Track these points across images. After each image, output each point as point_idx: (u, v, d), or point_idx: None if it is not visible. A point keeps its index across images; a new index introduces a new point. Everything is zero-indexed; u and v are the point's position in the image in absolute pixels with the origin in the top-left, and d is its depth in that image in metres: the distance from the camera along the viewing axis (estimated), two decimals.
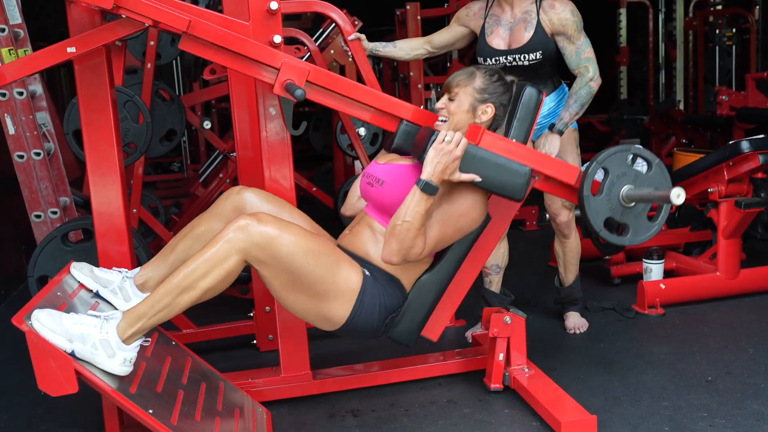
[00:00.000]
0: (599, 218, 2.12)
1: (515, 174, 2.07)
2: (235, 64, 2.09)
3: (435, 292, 2.20)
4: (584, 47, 2.77)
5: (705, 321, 3.23)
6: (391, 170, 2.18)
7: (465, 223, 2.10)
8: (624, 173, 2.11)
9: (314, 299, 2.02)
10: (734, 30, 7.54)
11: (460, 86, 2.18)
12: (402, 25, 4.78)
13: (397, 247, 1.99)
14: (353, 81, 2.19)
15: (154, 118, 3.63)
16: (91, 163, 2.21)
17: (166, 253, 2.16)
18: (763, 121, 5.22)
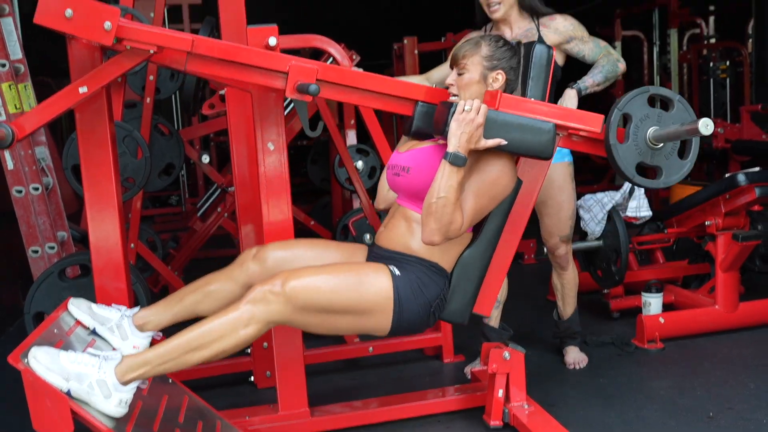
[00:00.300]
0: (630, 165, 2.07)
1: (539, 131, 2.05)
2: (243, 75, 2.09)
3: (480, 265, 2.17)
4: (598, 41, 2.85)
5: (705, 355, 3.21)
6: (415, 155, 2.17)
7: (498, 190, 2.08)
8: (647, 115, 2.07)
9: (354, 320, 2.03)
10: (728, 63, 7.63)
11: (467, 57, 2.16)
12: (399, 59, 4.83)
13: (436, 225, 1.97)
14: (363, 72, 2.19)
15: (152, 153, 3.64)
16: (90, 199, 2.20)
17: (173, 302, 2.14)
18: (758, 153, 5.25)
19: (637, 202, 3.70)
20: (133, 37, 1.95)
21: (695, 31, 8.49)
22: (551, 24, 2.84)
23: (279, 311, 1.91)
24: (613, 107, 2.08)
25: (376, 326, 2.06)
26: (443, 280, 2.12)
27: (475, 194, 2.04)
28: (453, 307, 2.17)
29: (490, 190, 2.06)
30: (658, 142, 2.07)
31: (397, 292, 2.03)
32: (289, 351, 2.44)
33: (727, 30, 8.44)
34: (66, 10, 1.86)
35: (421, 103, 2.22)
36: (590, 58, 2.85)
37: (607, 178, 7.99)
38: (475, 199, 2.04)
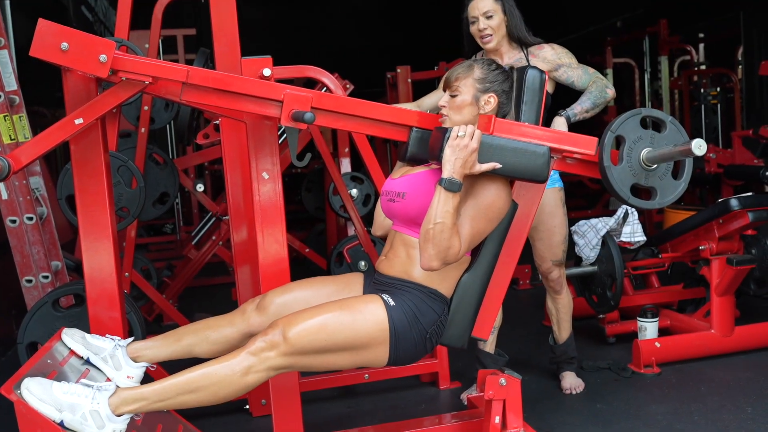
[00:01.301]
0: (625, 186, 2.09)
1: (534, 155, 2.06)
2: (238, 104, 2.11)
3: (478, 289, 2.18)
4: (587, 68, 2.89)
5: (702, 380, 3.20)
6: (409, 180, 2.18)
7: (494, 213, 2.08)
8: (640, 137, 2.09)
9: (353, 356, 2.02)
10: (718, 89, 7.71)
11: (459, 79, 2.18)
12: (393, 87, 4.87)
13: (434, 251, 1.97)
14: (357, 100, 2.21)
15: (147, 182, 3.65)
16: (84, 229, 2.21)
17: (170, 340, 2.13)
18: (750, 178, 5.28)
19: (632, 227, 3.71)
20: (129, 68, 1.97)
21: (685, 58, 8.59)
22: (539, 53, 2.88)
23: (280, 360, 1.92)
24: (607, 129, 2.09)
25: (374, 359, 2.05)
26: (442, 306, 2.12)
27: (471, 218, 2.05)
28: (452, 331, 2.17)
29: (486, 213, 2.07)
30: (652, 163, 2.09)
31: (392, 323, 2.02)
32: (285, 379, 2.43)
33: (717, 56, 8.55)
34: (62, 44, 1.88)
35: (416, 128, 2.24)
36: (579, 84, 2.88)
37: (601, 204, 8.03)
38: (472, 224, 2.05)
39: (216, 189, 7.43)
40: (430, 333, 2.09)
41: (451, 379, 3.26)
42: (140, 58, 2.03)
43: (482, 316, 2.24)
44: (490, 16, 2.83)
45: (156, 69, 1.99)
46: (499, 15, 2.84)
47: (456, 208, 1.98)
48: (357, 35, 11.85)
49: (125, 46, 2.99)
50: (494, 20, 2.83)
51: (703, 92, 7.69)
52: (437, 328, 2.11)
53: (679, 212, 4.90)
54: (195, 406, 1.91)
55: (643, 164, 2.09)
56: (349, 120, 2.20)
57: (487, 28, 2.83)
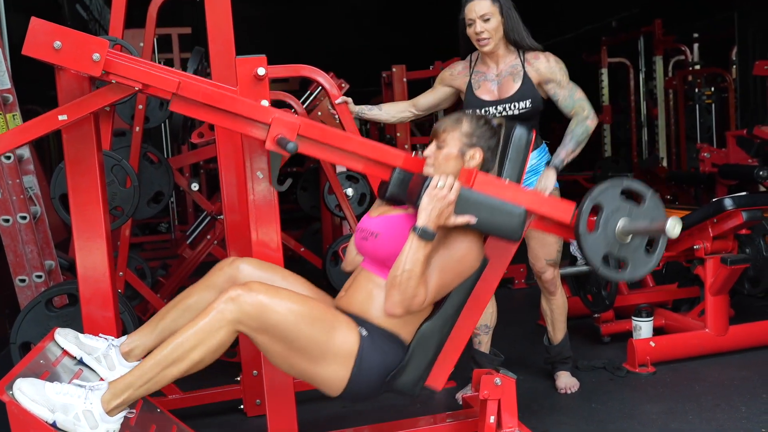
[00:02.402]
0: (597, 255, 2.10)
1: (510, 214, 2.07)
2: (225, 122, 2.11)
3: (437, 339, 2.16)
4: (575, 90, 2.85)
5: (696, 379, 3.21)
6: (385, 222, 2.18)
7: (464, 268, 2.08)
8: (618, 208, 2.10)
9: (312, 364, 1.98)
10: (713, 89, 7.73)
11: (447, 132, 2.18)
12: (388, 87, 4.86)
13: (399, 297, 1.97)
14: (344, 132, 2.20)
15: (141, 181, 3.64)
16: (77, 228, 2.20)
17: (155, 322, 2.13)
18: (744, 177, 5.29)
19: None
20: (121, 72, 1.96)
21: (680, 58, 8.61)
22: (534, 63, 2.86)
23: (248, 315, 1.87)
24: (587, 196, 2.12)
25: (331, 378, 2.01)
26: (402, 352, 2.10)
27: (440, 270, 2.04)
28: (406, 378, 2.13)
29: (456, 267, 2.07)
30: (627, 235, 2.11)
31: (360, 352, 2.00)
32: (279, 378, 2.42)
33: (712, 56, 8.57)
34: (55, 42, 1.87)
35: (399, 169, 2.24)
36: (562, 105, 2.85)
37: None
38: (440, 275, 2.04)
39: (211, 188, 7.41)
40: (390, 376, 2.07)
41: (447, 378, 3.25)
42: (133, 63, 2.01)
43: (438, 365, 2.23)
44: (488, 19, 2.80)
45: (147, 77, 1.98)
46: (497, 18, 2.81)
47: (427, 258, 1.98)
48: (353, 34, 11.85)
49: (120, 44, 2.97)
50: (491, 23, 2.80)
51: (697, 92, 7.71)
52: (396, 372, 2.09)
53: (673, 211, 4.90)
54: (181, 376, 1.89)
55: (618, 236, 2.11)
56: (334, 152, 2.20)
57: (484, 32, 2.80)
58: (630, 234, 2.10)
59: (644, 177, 7.03)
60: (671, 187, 6.71)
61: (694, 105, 7.83)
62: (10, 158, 3.26)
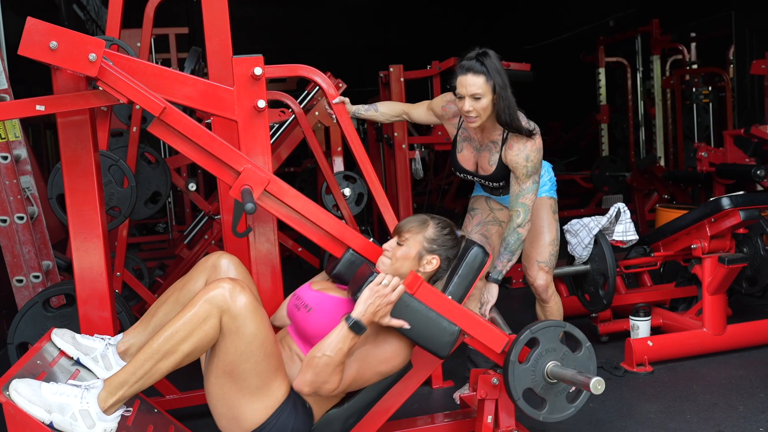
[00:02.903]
0: (520, 387, 2.17)
1: (443, 331, 2.10)
2: (199, 158, 2.12)
3: (339, 429, 2.15)
4: (526, 192, 2.72)
5: (694, 378, 3.21)
6: (321, 299, 2.16)
7: (386, 368, 2.09)
8: (554, 348, 2.18)
9: (240, 391, 1.95)
10: (710, 88, 7.73)
11: (411, 232, 2.19)
12: (386, 86, 4.85)
13: (311, 378, 1.95)
14: (311, 202, 2.22)
15: (139, 181, 3.63)
16: (74, 228, 2.20)
17: (148, 318, 2.14)
18: (742, 176, 5.29)
19: (624, 226, 3.72)
20: (111, 82, 1.96)
21: (677, 57, 8.61)
22: (509, 152, 2.73)
23: (230, 312, 1.87)
24: (528, 327, 2.19)
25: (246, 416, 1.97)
26: (310, 426, 2.08)
27: (361, 363, 2.04)
28: None
29: (377, 366, 2.07)
30: (553, 378, 2.17)
31: (284, 405, 1.99)
32: None
33: (709, 56, 8.58)
34: (51, 42, 1.87)
35: (352, 251, 2.25)
36: (509, 197, 2.78)
37: (594, 202, 8.04)
38: (359, 369, 2.04)
39: (209, 188, 7.40)
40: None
41: (444, 379, 3.25)
42: (125, 77, 1.99)
43: None
44: (478, 98, 2.62)
45: (135, 94, 1.98)
46: (488, 97, 2.63)
47: (350, 349, 1.97)
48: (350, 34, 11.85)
49: (116, 44, 2.97)
50: (482, 102, 2.63)
51: (695, 91, 7.70)
52: None
53: (671, 211, 4.92)
54: (176, 368, 1.90)
55: (545, 375, 2.18)
56: (296, 218, 2.22)
57: (473, 111, 2.64)
58: (556, 378, 2.16)
59: (642, 176, 7.04)
60: (669, 187, 6.71)
61: (691, 104, 7.83)
62: (7, 158, 3.25)
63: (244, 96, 2.22)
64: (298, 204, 2.19)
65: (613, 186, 7.70)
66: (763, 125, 5.31)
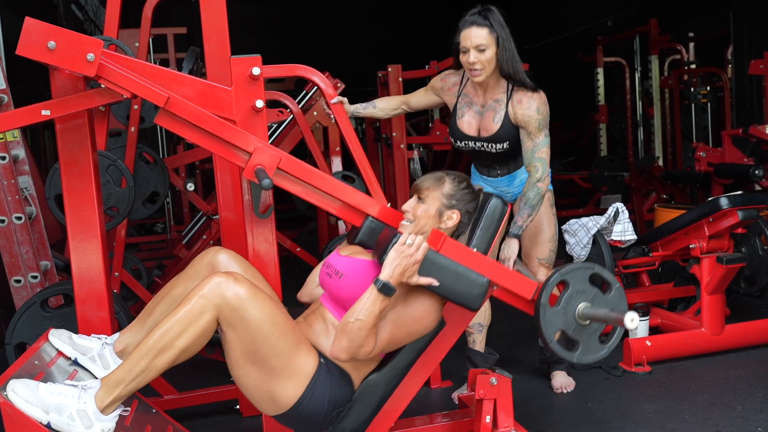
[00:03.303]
0: (552, 329, 2.14)
1: (473, 284, 2.08)
2: (208, 143, 2.11)
3: (382, 393, 2.16)
4: (540, 146, 2.74)
5: (692, 378, 3.21)
6: (352, 264, 2.16)
7: (418, 328, 2.08)
8: (583, 290, 2.15)
9: (267, 374, 1.96)
10: (708, 88, 7.74)
11: (429, 190, 2.19)
12: (384, 86, 4.85)
13: (346, 344, 1.96)
14: (325, 173, 2.21)
15: (137, 181, 3.62)
16: (72, 228, 2.19)
17: (144, 317, 2.13)
18: (740, 176, 5.30)
19: (622, 226, 3.72)
20: (112, 78, 1.96)
21: (676, 57, 8.62)
22: (517, 105, 2.76)
23: (229, 304, 1.87)
24: (556, 270, 2.15)
25: (280, 395, 1.98)
26: (351, 393, 2.09)
27: (394, 325, 2.04)
28: (346, 425, 2.12)
29: (410, 325, 2.07)
30: (585, 319, 2.14)
31: (317, 376, 2.00)
32: None
33: (707, 56, 8.58)
34: (49, 42, 1.87)
35: (371, 218, 2.24)
36: (524, 154, 2.78)
37: (592, 202, 8.05)
38: (393, 330, 2.04)
39: (207, 188, 7.40)
40: (335, 412, 2.06)
41: (442, 379, 3.25)
42: (127, 69, 2.00)
43: (378, 420, 2.22)
44: (483, 49, 2.68)
45: (137, 87, 1.97)
46: (492, 49, 2.69)
47: (382, 311, 1.97)
48: (349, 34, 11.85)
49: (114, 44, 2.97)
50: (486, 54, 2.68)
51: (693, 91, 7.71)
52: (341, 411, 2.08)
53: (669, 211, 4.92)
54: (172, 365, 1.89)
55: (577, 317, 2.14)
56: (311, 192, 2.21)
57: (477, 63, 2.69)
58: (588, 318, 2.13)
59: (640, 176, 7.04)
60: (667, 187, 6.72)
61: (689, 104, 7.84)
62: (5, 159, 3.25)
63: (242, 96, 2.21)
64: (312, 178, 2.17)
65: (612, 186, 7.71)
66: (761, 125, 5.32)
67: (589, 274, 2.14)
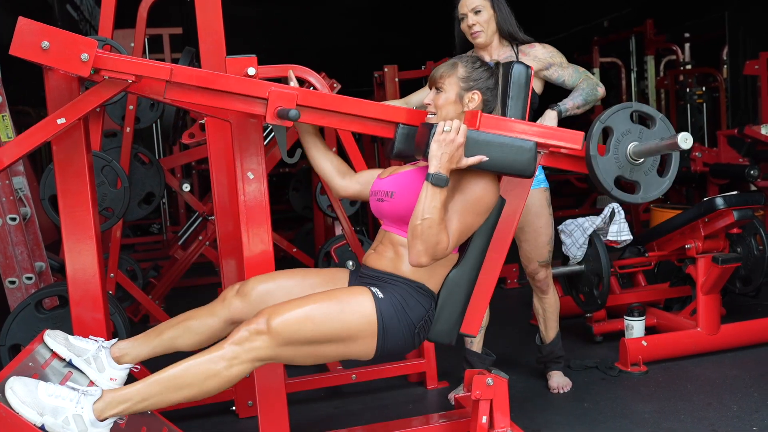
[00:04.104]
0: (609, 177, 2.07)
1: (520, 150, 2.06)
2: (222, 102, 2.09)
3: (466, 285, 2.17)
4: (577, 67, 2.91)
5: (688, 378, 3.21)
6: (397, 179, 2.18)
7: (482, 207, 2.07)
8: (629, 130, 2.08)
9: (340, 348, 2.00)
10: (704, 88, 7.76)
11: (444, 77, 2.18)
12: (380, 86, 4.86)
13: (422, 246, 1.96)
14: (342, 96, 2.20)
15: (132, 182, 3.62)
16: (67, 229, 2.18)
17: (152, 336, 2.11)
18: (735, 176, 5.31)
19: (618, 226, 3.72)
20: (111, 67, 1.95)
21: (671, 58, 8.64)
22: (530, 51, 2.89)
23: (265, 349, 1.89)
24: (596, 120, 2.09)
25: (362, 351, 2.03)
26: (429, 301, 2.11)
27: (460, 213, 2.04)
28: (440, 327, 2.16)
29: (474, 207, 2.06)
30: (639, 157, 2.08)
31: (380, 315, 2.01)
32: (271, 380, 2.41)
33: (703, 56, 8.61)
34: (42, 42, 1.86)
35: (402, 125, 2.23)
36: (570, 83, 2.89)
37: (589, 202, 8.05)
38: (461, 218, 2.04)
39: (203, 188, 7.39)
40: (418, 328, 2.08)
41: (439, 379, 3.25)
42: (123, 57, 2.00)
43: (470, 312, 2.23)
44: (479, 11, 2.85)
45: (139, 67, 1.97)
46: (488, 10, 2.87)
47: (443, 204, 1.97)
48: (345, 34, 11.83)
49: (109, 44, 2.96)
50: (483, 15, 2.86)
51: (689, 91, 7.73)
52: (425, 323, 2.10)
53: (665, 211, 4.92)
54: (180, 402, 1.89)
55: (630, 157, 2.08)
56: (335, 117, 2.19)
57: (476, 24, 2.86)
58: (641, 156, 2.07)
59: None
60: None
61: (685, 104, 7.86)
62: None
63: None
64: (332, 104, 2.16)
65: None
66: (756, 125, 5.33)
67: (629, 113, 2.09)
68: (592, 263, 3.60)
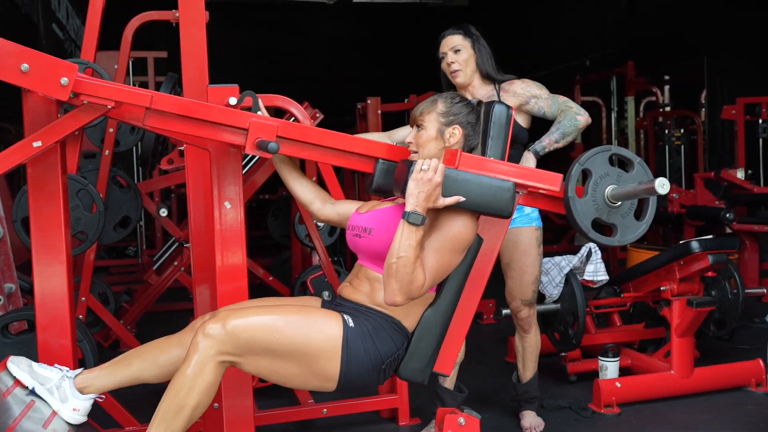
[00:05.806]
0: (587, 219, 2.08)
1: (499, 190, 2.06)
2: (202, 131, 2.08)
3: (441, 324, 2.15)
4: (557, 97, 2.91)
5: (661, 421, 3.21)
6: (376, 216, 2.17)
7: (460, 245, 2.06)
8: (607, 173, 2.10)
9: (302, 365, 1.97)
10: (682, 130, 7.88)
11: (424, 114, 2.19)
12: (363, 118, 4.87)
13: (397, 285, 1.94)
14: (322, 129, 2.19)
15: (109, 205, 3.58)
16: (37, 253, 2.14)
17: (119, 366, 2.06)
18: (711, 219, 5.37)
19: (595, 266, 3.74)
20: (91, 92, 1.93)
21: (651, 99, 8.78)
22: (510, 88, 2.91)
23: (223, 343, 1.87)
24: (575, 162, 2.10)
25: (324, 373, 1.99)
26: (402, 339, 2.09)
27: (436, 251, 2.02)
28: (413, 365, 2.14)
29: (452, 245, 2.04)
30: (616, 200, 2.09)
31: (346, 341, 1.99)
32: (240, 412, 2.37)
33: (682, 99, 8.75)
34: (22, 65, 1.84)
35: (382, 160, 2.23)
36: (550, 113, 2.90)
37: (567, 239, 8.10)
38: (437, 256, 2.02)
39: (181, 212, 7.34)
40: (386, 364, 2.05)
41: (411, 416, 3.22)
42: (103, 82, 1.99)
43: (444, 351, 2.21)
44: (458, 50, 2.89)
45: (119, 93, 1.96)
46: (468, 51, 2.89)
47: (419, 242, 1.96)
48: (329, 64, 11.92)
49: (91, 68, 2.94)
50: (462, 55, 2.88)
51: (667, 133, 7.85)
52: (393, 360, 2.08)
53: (641, 251, 4.96)
54: (189, 424, 1.90)
55: (607, 200, 2.10)
56: (315, 150, 2.18)
57: (455, 63, 2.89)
58: (619, 199, 2.08)
59: None
60: None
61: (664, 145, 7.97)
62: None
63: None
64: (313, 137, 2.15)
65: None
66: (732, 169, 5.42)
67: (608, 156, 2.10)
68: (568, 302, 3.61)
